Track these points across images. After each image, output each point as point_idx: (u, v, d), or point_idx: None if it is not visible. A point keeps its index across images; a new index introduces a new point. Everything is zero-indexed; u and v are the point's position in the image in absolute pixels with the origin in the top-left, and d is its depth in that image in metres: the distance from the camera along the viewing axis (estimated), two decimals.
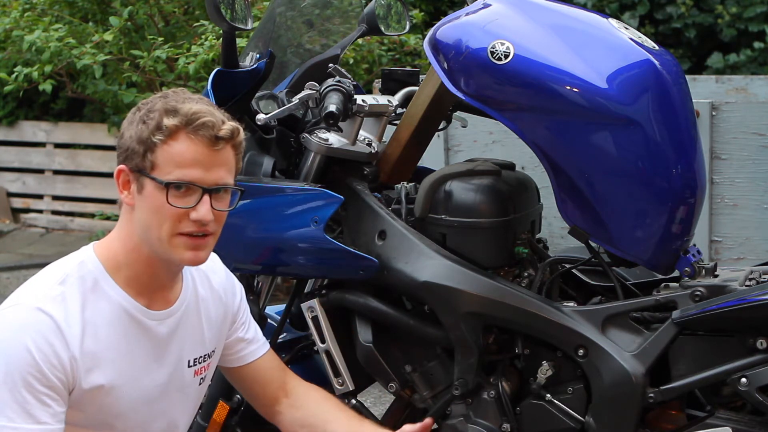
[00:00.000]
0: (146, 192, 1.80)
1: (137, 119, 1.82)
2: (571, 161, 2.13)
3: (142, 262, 1.86)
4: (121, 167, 1.83)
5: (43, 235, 7.10)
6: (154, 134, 1.78)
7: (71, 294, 1.80)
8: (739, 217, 3.56)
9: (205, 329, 1.99)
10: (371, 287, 2.29)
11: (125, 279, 1.85)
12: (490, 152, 3.70)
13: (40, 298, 1.77)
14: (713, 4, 5.73)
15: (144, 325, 1.87)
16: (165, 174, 1.79)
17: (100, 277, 1.83)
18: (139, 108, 1.84)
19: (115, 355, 1.83)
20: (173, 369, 1.94)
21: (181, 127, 1.78)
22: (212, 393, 2.52)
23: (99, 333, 1.81)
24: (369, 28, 2.60)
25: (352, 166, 2.39)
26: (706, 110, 3.50)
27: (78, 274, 1.82)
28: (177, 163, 1.79)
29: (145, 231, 1.83)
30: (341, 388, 2.34)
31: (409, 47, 5.06)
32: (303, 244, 2.27)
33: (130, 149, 1.81)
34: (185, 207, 1.80)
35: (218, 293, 2.04)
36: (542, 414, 2.20)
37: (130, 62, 4.98)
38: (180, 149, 1.79)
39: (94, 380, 1.80)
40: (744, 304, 1.98)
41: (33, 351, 1.72)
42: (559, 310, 2.16)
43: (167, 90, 1.89)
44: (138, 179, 1.81)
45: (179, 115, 1.79)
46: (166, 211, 1.80)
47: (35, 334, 1.74)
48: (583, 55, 2.12)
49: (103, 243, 1.89)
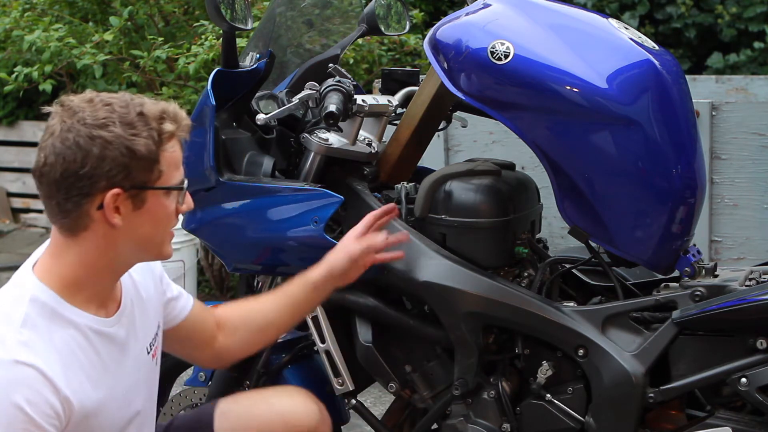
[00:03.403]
0: (149, 205, 1.76)
1: (119, 139, 1.70)
2: (571, 161, 2.13)
3: (105, 277, 1.81)
4: (115, 191, 1.71)
5: (43, 235, 7.09)
6: (160, 144, 1.74)
7: (38, 334, 1.72)
8: (739, 217, 3.56)
9: (149, 309, 1.96)
10: (371, 287, 2.29)
11: (86, 299, 1.79)
12: (490, 152, 3.70)
13: (11, 349, 1.68)
14: (713, 4, 5.73)
15: (109, 336, 1.83)
16: (171, 179, 1.77)
17: (57, 306, 1.76)
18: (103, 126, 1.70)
19: (94, 375, 1.78)
20: (138, 362, 1.91)
21: (175, 130, 1.77)
22: (212, 393, 2.52)
23: (76, 362, 1.76)
24: (369, 28, 2.60)
25: (352, 166, 2.39)
26: (706, 110, 3.50)
27: (36, 311, 1.73)
28: (176, 166, 1.78)
29: (145, 245, 1.80)
30: (341, 388, 2.35)
31: (409, 47, 5.05)
32: (303, 244, 2.27)
33: (122, 168, 1.71)
34: (185, 204, 1.81)
35: (145, 267, 1.99)
36: (542, 414, 2.20)
37: (130, 62, 4.98)
38: (174, 151, 1.77)
39: (84, 409, 1.75)
40: (744, 304, 1.99)
41: (26, 408, 1.66)
42: (559, 310, 2.16)
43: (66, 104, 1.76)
44: (136, 196, 1.74)
45: (169, 118, 1.76)
46: (171, 215, 1.79)
47: (25, 389, 1.67)
48: (583, 55, 2.12)
49: (54, 269, 1.78)
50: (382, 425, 2.40)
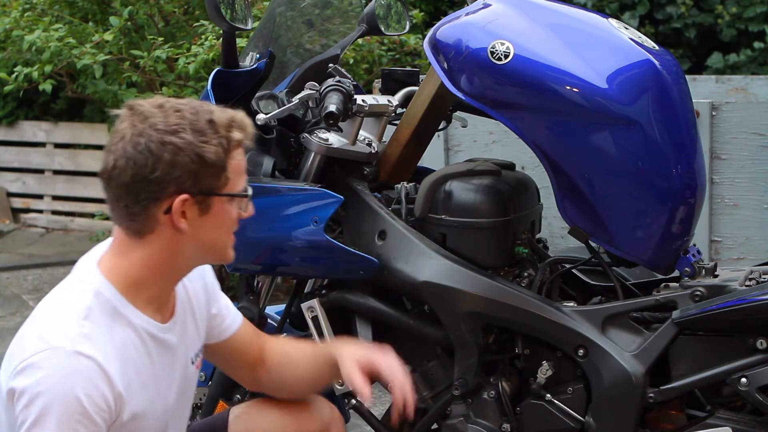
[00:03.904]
0: (215, 210, 1.78)
1: (190, 145, 1.73)
2: (571, 161, 2.13)
3: (166, 279, 1.84)
4: (184, 197, 1.74)
5: (43, 235, 7.10)
6: (228, 151, 1.77)
7: (99, 329, 1.75)
8: (739, 217, 3.55)
9: (198, 320, 1.98)
10: (371, 287, 2.29)
11: (145, 301, 1.82)
12: (490, 152, 3.70)
13: (73, 339, 1.72)
14: (713, 4, 5.73)
15: (163, 342, 1.86)
16: (236, 186, 1.80)
17: (118, 305, 1.79)
18: (174, 132, 1.73)
19: (145, 378, 1.81)
20: (184, 371, 1.94)
21: (243, 139, 1.79)
22: (212, 393, 2.52)
23: (130, 361, 1.78)
24: (369, 28, 2.60)
25: (352, 166, 2.39)
26: (706, 110, 3.49)
27: (99, 307, 1.77)
28: (240, 173, 1.81)
29: (210, 249, 1.83)
30: (341, 388, 2.34)
31: (409, 47, 5.05)
32: (303, 244, 2.27)
33: (191, 174, 1.73)
34: (247, 210, 1.85)
35: (199, 278, 2.02)
36: (542, 414, 2.20)
37: (130, 62, 4.98)
38: (239, 159, 1.80)
39: (132, 409, 1.78)
40: (744, 304, 1.99)
41: (83, 399, 1.69)
42: (559, 310, 2.16)
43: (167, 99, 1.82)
44: (203, 201, 1.77)
45: (237, 127, 1.78)
46: (234, 219, 1.82)
47: (84, 381, 1.70)
48: (583, 55, 2.12)
49: (118, 267, 1.81)
50: (382, 425, 2.40)
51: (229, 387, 2.49)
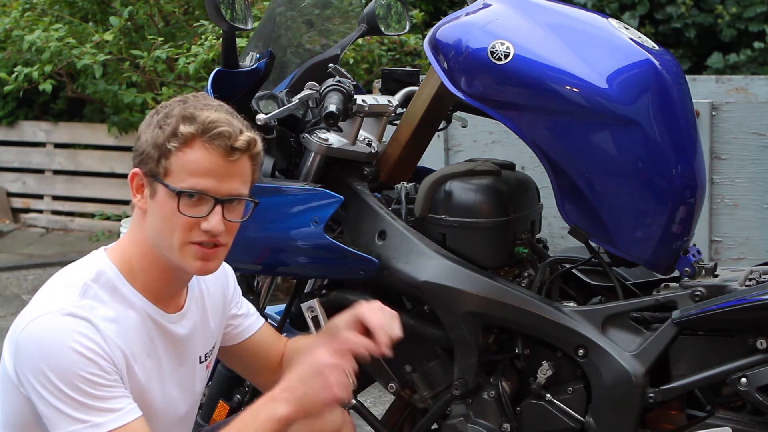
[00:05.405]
0: (158, 198, 1.79)
1: (154, 123, 1.79)
2: (571, 161, 2.13)
3: (156, 269, 1.84)
4: (135, 170, 1.81)
5: (43, 235, 7.10)
6: (169, 140, 1.76)
7: (96, 303, 1.77)
8: (739, 217, 3.56)
9: (210, 321, 1.99)
10: (371, 287, 2.29)
11: (142, 285, 1.84)
12: (490, 152, 3.70)
13: (66, 307, 1.74)
14: (713, 4, 5.73)
15: (165, 329, 1.87)
16: (178, 181, 1.77)
17: (119, 284, 1.82)
18: (157, 111, 1.82)
19: (144, 357, 1.82)
20: (191, 369, 1.94)
21: (197, 135, 1.76)
22: (212, 393, 2.52)
23: (129, 336, 1.79)
24: (369, 28, 2.60)
25: (352, 166, 2.39)
26: (706, 110, 3.49)
27: (98, 284, 1.79)
28: (191, 172, 1.77)
29: (157, 237, 1.82)
30: None
31: (409, 47, 5.06)
32: (303, 244, 2.27)
33: (145, 153, 1.79)
34: (196, 216, 1.78)
35: (217, 279, 2.03)
36: (542, 414, 2.20)
37: (130, 62, 4.98)
38: (194, 158, 1.77)
39: (132, 375, 1.78)
40: (744, 304, 1.99)
41: (79, 349, 1.70)
42: (559, 310, 2.16)
43: (188, 94, 1.86)
44: (151, 184, 1.79)
45: (196, 123, 1.76)
46: (177, 219, 1.78)
47: (76, 334, 1.71)
48: (583, 55, 2.12)
49: (117, 248, 1.87)
50: (382, 425, 2.40)
51: (229, 387, 2.49)
